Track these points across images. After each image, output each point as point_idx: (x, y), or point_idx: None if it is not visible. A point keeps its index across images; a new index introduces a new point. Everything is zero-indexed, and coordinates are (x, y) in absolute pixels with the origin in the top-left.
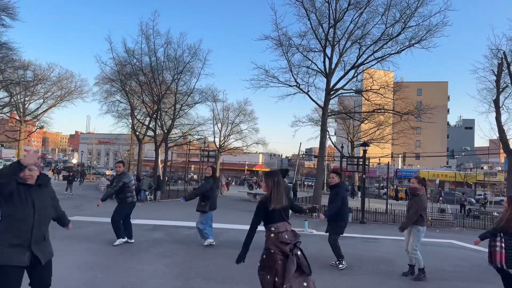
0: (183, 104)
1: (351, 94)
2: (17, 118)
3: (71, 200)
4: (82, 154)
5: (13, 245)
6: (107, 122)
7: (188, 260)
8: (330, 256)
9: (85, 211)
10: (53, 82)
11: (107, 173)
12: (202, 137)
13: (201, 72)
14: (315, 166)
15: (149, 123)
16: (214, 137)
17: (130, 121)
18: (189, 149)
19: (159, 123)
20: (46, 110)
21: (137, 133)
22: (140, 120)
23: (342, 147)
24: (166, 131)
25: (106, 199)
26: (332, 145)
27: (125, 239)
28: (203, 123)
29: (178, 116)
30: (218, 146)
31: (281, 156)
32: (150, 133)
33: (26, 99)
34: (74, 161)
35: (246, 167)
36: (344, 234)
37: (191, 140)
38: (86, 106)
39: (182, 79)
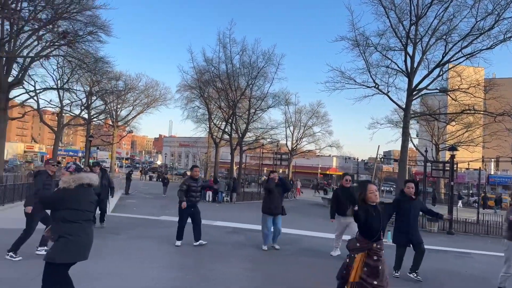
0: (257, 109)
1: (435, 94)
2: (110, 123)
3: (161, 199)
4: (165, 156)
5: None
6: (187, 126)
7: (269, 267)
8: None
9: (170, 211)
10: (141, 91)
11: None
12: (275, 140)
13: (274, 76)
14: (394, 170)
15: (225, 127)
16: (286, 140)
17: (208, 125)
18: (262, 152)
19: (234, 127)
20: (135, 116)
21: (214, 136)
22: (217, 125)
23: (426, 151)
24: (240, 135)
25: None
26: (414, 148)
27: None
28: (276, 127)
29: (252, 120)
30: (290, 149)
31: (357, 159)
32: (226, 136)
33: (118, 106)
34: (159, 162)
35: (319, 171)
36: (434, 247)
37: (264, 143)
38: (168, 111)
39: (256, 84)
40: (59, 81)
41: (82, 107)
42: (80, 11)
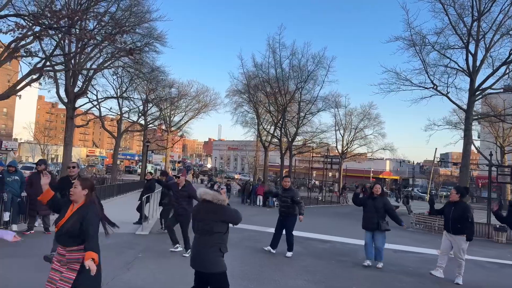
0: (307, 112)
1: (500, 93)
2: (164, 128)
3: None
4: (216, 159)
5: None
6: (237, 130)
7: (331, 279)
8: None
9: None
10: (192, 97)
11: (236, 177)
12: (325, 144)
13: (325, 79)
14: (452, 174)
15: (274, 131)
16: (337, 143)
17: (256, 129)
18: (312, 156)
19: (283, 131)
20: (187, 121)
21: (263, 140)
22: (266, 129)
23: (491, 154)
24: (290, 139)
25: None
26: (476, 151)
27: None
28: (326, 130)
29: (301, 124)
30: (340, 152)
31: (413, 162)
32: (274, 140)
33: (172, 112)
34: (209, 165)
35: (372, 174)
36: (499, 261)
37: (313, 147)
38: (217, 115)
39: (305, 87)
40: (118, 90)
41: (139, 114)
42: (138, 24)
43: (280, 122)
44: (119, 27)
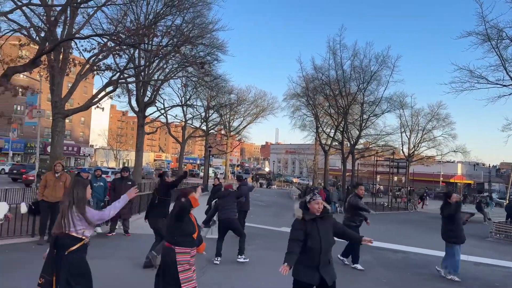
0: (370, 115)
1: None
2: (223, 133)
3: (268, 208)
4: (273, 163)
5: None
6: (295, 134)
7: None
8: None
9: (286, 221)
10: (250, 102)
11: (294, 181)
12: (390, 147)
13: (389, 80)
14: None
15: (334, 134)
16: (402, 146)
17: (315, 132)
18: (376, 160)
19: (345, 135)
20: (245, 126)
21: (323, 144)
22: (326, 132)
23: None
24: (352, 142)
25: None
26: None
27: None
28: (392, 133)
29: (365, 127)
30: (407, 155)
31: (489, 166)
32: (334, 143)
33: (231, 118)
34: (267, 169)
35: (441, 179)
36: None
37: (378, 150)
38: (274, 119)
39: (368, 88)
40: (183, 98)
41: (202, 120)
42: (202, 35)
43: (342, 125)
44: (185, 38)
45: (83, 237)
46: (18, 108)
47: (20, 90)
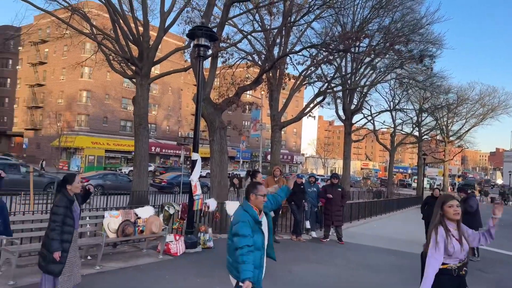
0: None
1: None
2: (439, 139)
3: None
4: (510, 174)
5: None
6: None
7: None
8: None
9: None
10: (474, 101)
11: None
12: None
13: None
14: None
15: None
16: None
17: None
18: None
19: None
20: (469, 129)
21: None
22: None
23: None
24: None
25: None
26: None
27: None
28: None
29: None
30: None
31: None
32: None
33: (449, 121)
34: (499, 181)
35: None
36: None
37: None
38: (508, 119)
39: None
40: (391, 103)
41: (413, 125)
42: (413, 31)
43: None
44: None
45: None
46: (245, 123)
47: (247, 106)
